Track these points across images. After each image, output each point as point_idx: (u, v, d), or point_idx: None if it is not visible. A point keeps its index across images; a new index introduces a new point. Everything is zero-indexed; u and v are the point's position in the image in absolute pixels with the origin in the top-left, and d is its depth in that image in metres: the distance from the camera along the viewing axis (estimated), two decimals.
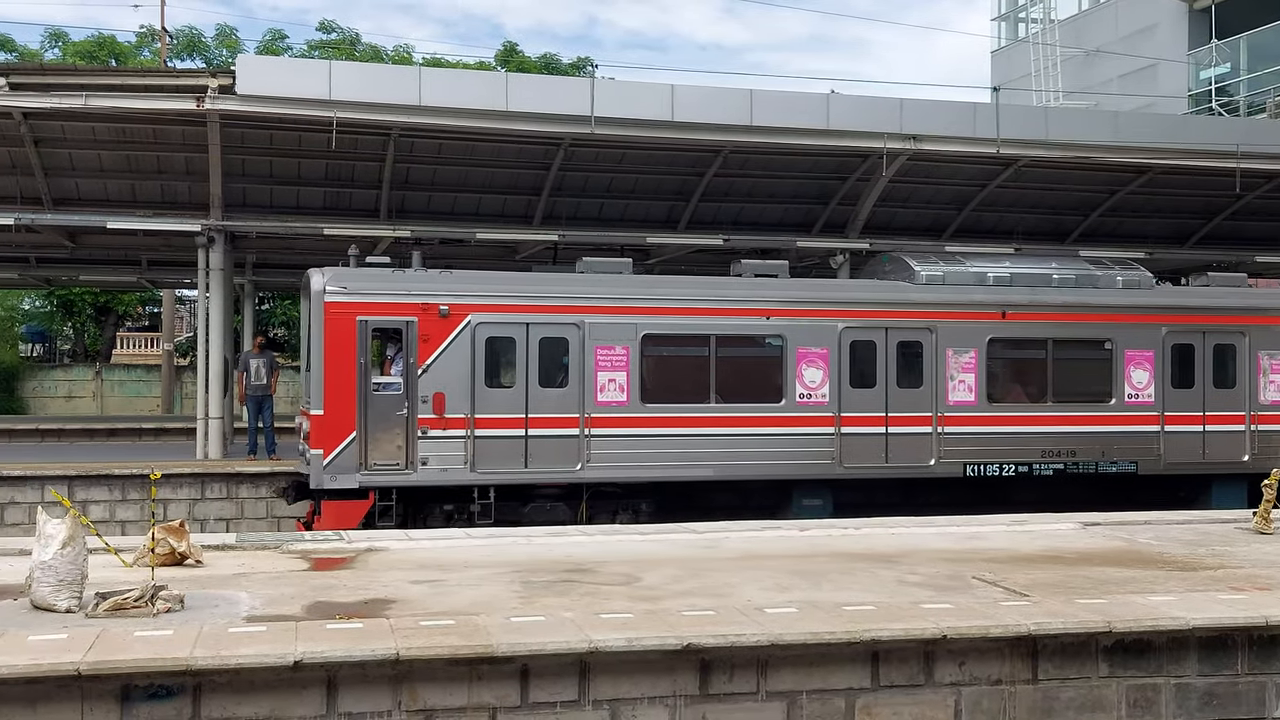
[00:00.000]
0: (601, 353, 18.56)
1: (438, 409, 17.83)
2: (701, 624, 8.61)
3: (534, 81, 28.04)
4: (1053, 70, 44.68)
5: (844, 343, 19.54)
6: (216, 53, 46.36)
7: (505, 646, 8.07)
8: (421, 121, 21.01)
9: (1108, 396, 20.65)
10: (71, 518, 9.55)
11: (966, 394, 19.98)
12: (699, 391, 19.08)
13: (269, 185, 23.83)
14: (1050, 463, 20.17)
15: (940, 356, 19.87)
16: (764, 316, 19.44)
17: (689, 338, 19.25)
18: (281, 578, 10.97)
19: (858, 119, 22.76)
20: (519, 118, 21.14)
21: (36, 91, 19.79)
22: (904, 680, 8.57)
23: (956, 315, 20.06)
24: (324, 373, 17.67)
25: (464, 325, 18.05)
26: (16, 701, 7.47)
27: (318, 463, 17.55)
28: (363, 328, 17.79)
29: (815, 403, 19.34)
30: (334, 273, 18.16)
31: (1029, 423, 20.25)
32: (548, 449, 18.26)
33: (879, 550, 12.78)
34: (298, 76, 20.98)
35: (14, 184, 22.77)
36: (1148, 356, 20.78)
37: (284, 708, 7.80)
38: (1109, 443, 20.46)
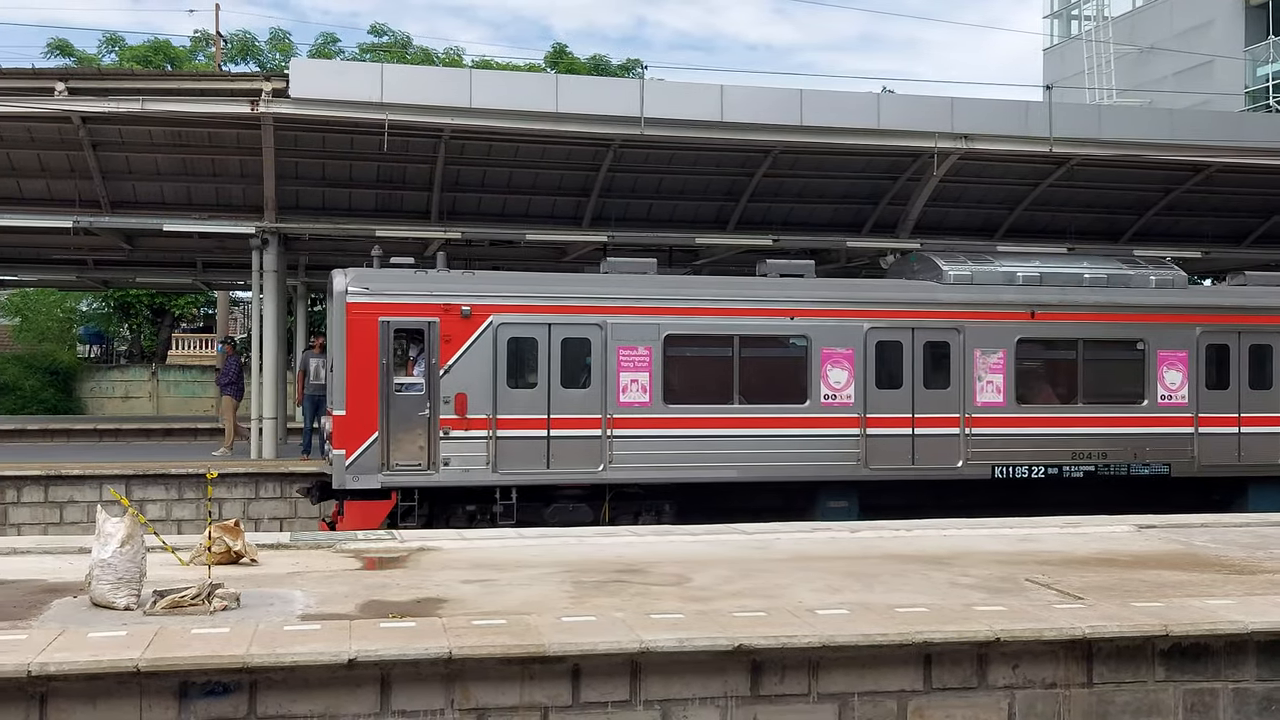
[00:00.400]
0: (624, 353, 18.50)
1: (460, 409, 17.85)
2: (753, 625, 8.61)
3: (584, 83, 28.10)
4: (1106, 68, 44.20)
5: (869, 343, 19.36)
6: (270, 56, 46.88)
7: (557, 646, 8.10)
8: (472, 123, 21.09)
9: (1140, 398, 20.34)
10: (130, 516, 9.70)
11: (995, 395, 19.73)
12: (722, 392, 18.99)
13: (321, 188, 24.03)
14: (1080, 465, 19.89)
15: (968, 357, 19.64)
16: (788, 317, 19.29)
17: (712, 338, 19.14)
18: (335, 577, 11.08)
19: (909, 118, 22.61)
20: (569, 119, 21.18)
21: (94, 96, 20.06)
22: (957, 683, 8.52)
23: (984, 315, 19.82)
24: (346, 373, 17.72)
25: (486, 326, 18.05)
26: (78, 697, 7.60)
27: (340, 463, 17.63)
28: (385, 328, 17.82)
29: (840, 404, 19.18)
30: (356, 273, 18.23)
31: (1059, 424, 19.98)
32: (570, 450, 18.24)
33: (931, 552, 12.71)
34: (350, 79, 21.11)
35: (72, 187, 23.11)
36: (1181, 357, 20.44)
37: (338, 705, 7.88)
38: (1141, 445, 20.15)
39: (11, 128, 21.42)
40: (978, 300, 19.87)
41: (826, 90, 23.05)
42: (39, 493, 19.54)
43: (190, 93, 20.57)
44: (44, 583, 10.54)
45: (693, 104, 21.52)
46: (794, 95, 21.94)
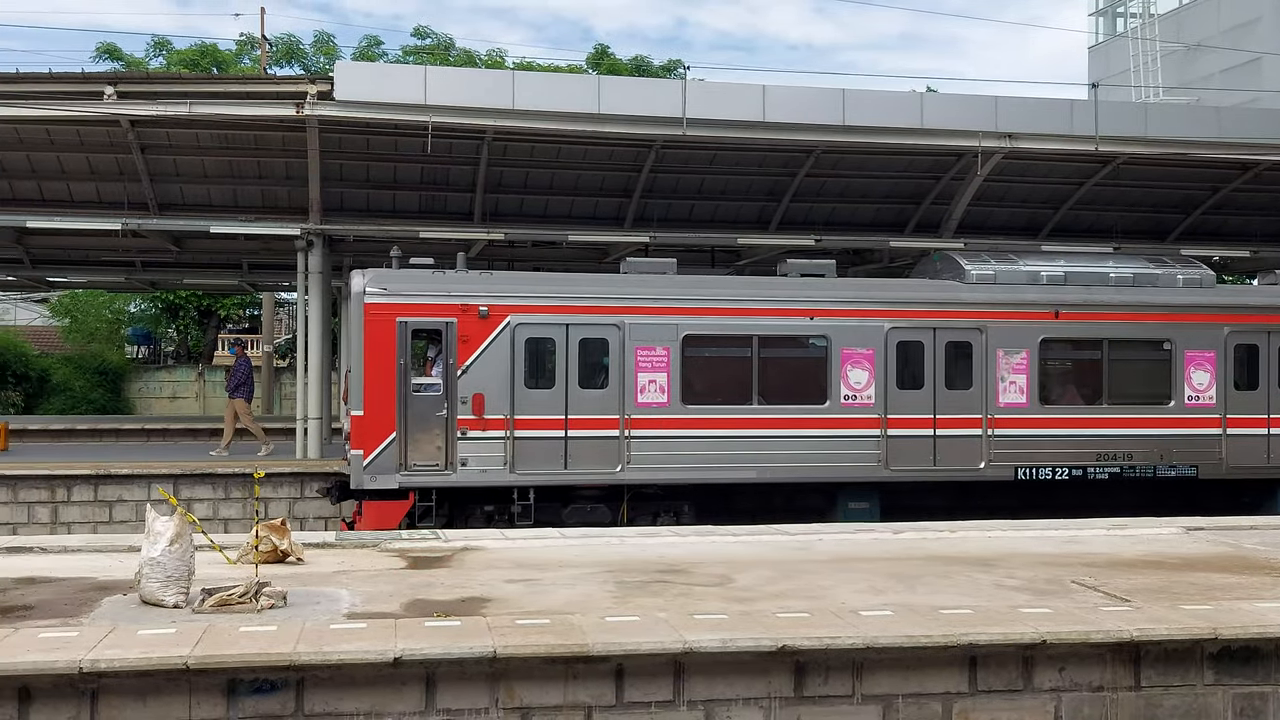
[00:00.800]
0: (642, 353, 18.45)
1: (477, 410, 17.85)
2: (796, 626, 8.60)
3: (626, 84, 28.15)
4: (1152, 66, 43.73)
5: (890, 343, 19.21)
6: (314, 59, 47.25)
7: (600, 646, 8.13)
8: (515, 125, 21.18)
9: (1166, 398, 20.09)
10: (179, 515, 9.81)
11: (1018, 395, 19.52)
12: (741, 393, 18.89)
13: (365, 189, 24.22)
14: (1105, 466, 19.66)
15: (990, 357, 19.46)
16: (808, 317, 19.17)
17: (731, 338, 19.05)
18: (380, 575, 11.15)
19: (952, 117, 22.50)
20: (611, 120, 21.22)
21: (143, 100, 20.32)
22: (1002, 685, 8.47)
23: (1007, 315, 19.62)
24: (364, 374, 17.77)
25: (503, 326, 18.05)
26: (128, 694, 7.70)
27: (358, 463, 17.68)
28: (402, 329, 17.85)
29: (861, 404, 19.05)
30: (374, 274, 18.27)
31: (1083, 425, 19.75)
32: (587, 450, 18.20)
33: (975, 553, 12.64)
34: (394, 82, 21.25)
35: (121, 190, 23.42)
36: (1209, 357, 20.17)
37: (384, 703, 7.94)
38: (1167, 446, 19.90)
39: (62, 131, 21.74)
40: (1000, 300, 19.69)
41: (869, 90, 23.01)
42: (89, 491, 19.80)
43: (237, 96, 20.78)
44: (94, 580, 10.68)
45: (735, 104, 21.51)
46: (836, 95, 21.89)
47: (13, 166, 23.14)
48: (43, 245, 26.34)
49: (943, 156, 23.96)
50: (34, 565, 11.53)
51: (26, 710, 7.61)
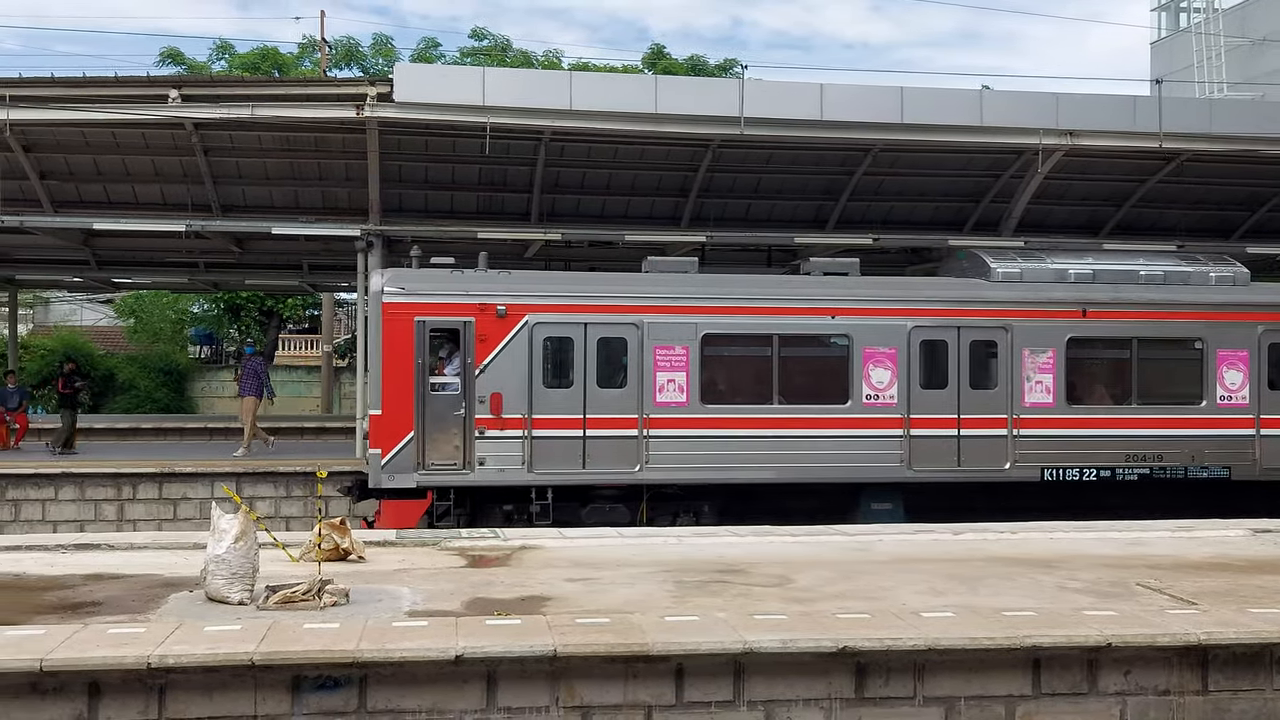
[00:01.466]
0: (661, 353, 18.33)
1: (495, 409, 17.82)
2: (856, 627, 8.56)
3: (683, 83, 28.14)
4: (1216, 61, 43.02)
5: (913, 342, 18.97)
6: (373, 61, 47.63)
7: (660, 645, 8.13)
8: (572, 125, 21.24)
9: (1198, 398, 19.69)
10: (243, 513, 9.95)
11: (1044, 395, 19.20)
12: (761, 392, 18.74)
13: (424, 190, 24.38)
14: (1134, 467, 19.30)
15: (1016, 356, 19.15)
16: (829, 315, 18.97)
17: (751, 337, 18.89)
18: (440, 574, 11.24)
19: (1012, 115, 22.27)
20: (668, 119, 21.22)
21: (206, 103, 20.60)
22: (1066, 688, 8.39)
23: (1033, 313, 19.32)
24: (382, 373, 17.80)
25: (521, 325, 18.01)
26: (195, 689, 7.81)
27: (376, 462, 17.71)
28: (420, 328, 17.83)
29: (883, 404, 18.82)
30: (393, 273, 18.34)
31: (1111, 425, 19.39)
32: (606, 450, 18.12)
33: (1036, 555, 12.52)
34: (452, 83, 21.39)
35: (185, 192, 23.75)
36: (1242, 356, 19.74)
37: (446, 701, 8.00)
38: (1199, 447, 19.51)
39: (127, 135, 22.07)
40: (1026, 298, 19.40)
41: (928, 87, 22.82)
42: (154, 489, 20.10)
43: (298, 98, 21.02)
44: (161, 577, 10.85)
45: (792, 103, 21.43)
46: (894, 93, 21.75)
47: (80, 170, 23.54)
48: (109, 247, 26.75)
49: (1002, 154, 23.74)
50: (102, 562, 11.74)
51: (96, 705, 7.74)
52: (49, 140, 22.52)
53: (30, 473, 19.95)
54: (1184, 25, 48.11)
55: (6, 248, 27.25)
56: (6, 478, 19.85)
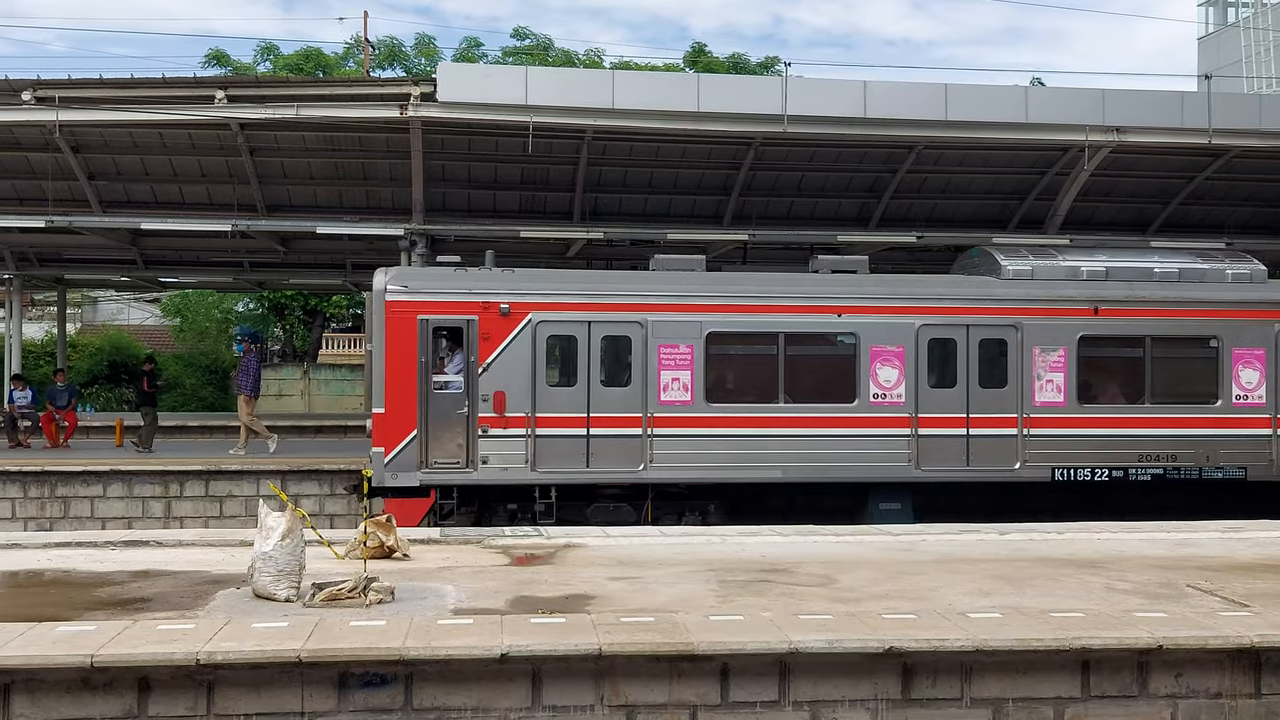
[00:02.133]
0: (665, 351, 18.20)
1: (498, 408, 17.77)
2: (903, 627, 8.50)
3: (725, 82, 28.14)
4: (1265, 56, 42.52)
5: (921, 341, 18.76)
6: (415, 61, 47.85)
7: (706, 645, 8.11)
8: (615, 124, 21.27)
9: (1213, 397, 19.37)
10: (290, 511, 10.01)
11: (1055, 394, 18.95)
12: (766, 391, 18.58)
13: (467, 189, 24.49)
14: (1148, 468, 19.01)
15: (1026, 355, 18.91)
16: (835, 314, 18.77)
17: (756, 335, 18.75)
18: (484, 572, 11.26)
19: (1058, 111, 22.10)
20: (711, 118, 21.21)
21: (252, 103, 20.79)
22: (1116, 691, 8.29)
23: (1044, 311, 19.06)
24: (385, 371, 17.78)
25: (525, 324, 17.93)
26: (243, 685, 7.86)
27: (379, 460, 17.67)
28: (424, 326, 17.79)
29: (890, 403, 18.61)
30: (396, 272, 18.29)
31: (1124, 425, 19.11)
32: (610, 449, 18.00)
33: (1084, 556, 12.39)
34: (495, 83, 21.46)
35: (231, 192, 23.98)
36: (1258, 354, 19.41)
37: (491, 699, 8.01)
38: (1214, 447, 19.19)
39: (174, 135, 22.32)
40: (1037, 296, 19.14)
41: (972, 84, 22.72)
42: (200, 487, 20.28)
43: (342, 99, 21.17)
44: (208, 574, 10.93)
45: (835, 101, 21.37)
46: (939, 90, 21.66)
47: (127, 170, 23.81)
48: (155, 246, 27.04)
49: (1047, 151, 23.57)
50: (150, 558, 11.84)
51: (145, 700, 7.80)
52: (97, 141, 22.79)
53: (79, 470, 20.18)
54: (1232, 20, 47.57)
55: (56, 248, 27.64)
56: (56, 475, 20.10)
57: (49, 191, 23.68)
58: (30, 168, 23.60)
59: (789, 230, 24.77)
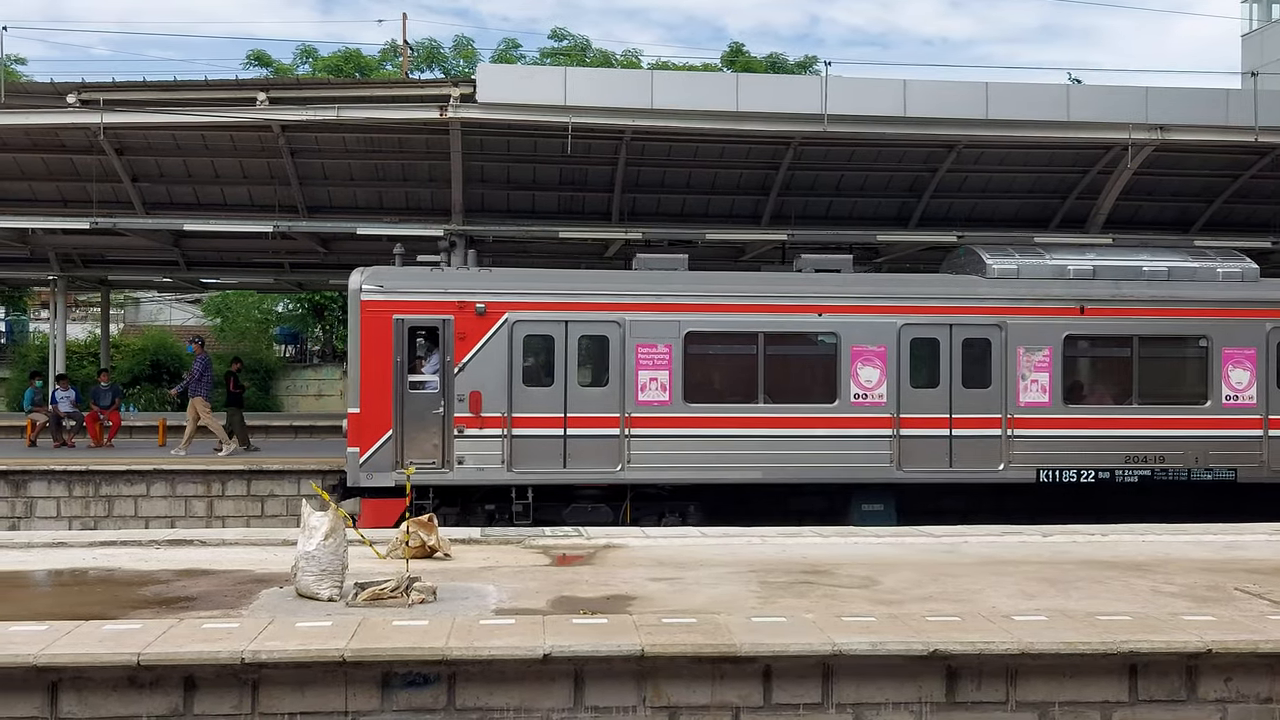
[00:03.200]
0: (643, 351, 18.03)
1: (474, 408, 17.65)
2: (947, 630, 8.44)
3: (764, 81, 28.04)
4: None
5: (903, 340, 18.51)
6: (454, 63, 48.00)
7: (748, 646, 8.08)
8: (653, 124, 21.25)
9: (1202, 398, 19.02)
10: (333, 511, 10.06)
11: (1040, 394, 18.66)
12: (746, 391, 18.40)
13: (506, 190, 24.54)
14: (1135, 469, 18.70)
15: (1011, 355, 18.63)
16: (816, 313, 18.56)
17: (735, 335, 18.53)
18: (525, 572, 11.28)
19: (1100, 109, 21.89)
20: (750, 118, 21.15)
21: (293, 105, 20.89)
22: (1164, 695, 8.20)
23: (1028, 311, 18.77)
24: (360, 371, 17.71)
25: (501, 323, 17.82)
26: (287, 684, 7.90)
27: (354, 460, 17.64)
28: (399, 326, 17.71)
29: (872, 403, 18.38)
30: (371, 272, 18.18)
31: (1110, 426, 18.80)
32: (587, 449, 17.86)
33: (1129, 558, 12.28)
34: (534, 84, 21.48)
35: (272, 193, 24.13)
36: (1249, 354, 19.03)
37: (533, 699, 8.01)
38: (1203, 448, 18.86)
39: (216, 137, 22.47)
40: (1021, 295, 18.86)
41: (1013, 82, 22.57)
42: (242, 486, 20.40)
43: (382, 100, 21.25)
44: (251, 573, 11.01)
45: (875, 100, 21.25)
46: (979, 88, 21.50)
47: (170, 172, 24.01)
48: (197, 247, 27.28)
49: (1089, 149, 23.36)
50: (194, 557, 11.95)
51: (191, 698, 7.86)
52: (141, 143, 22.99)
53: (123, 469, 20.35)
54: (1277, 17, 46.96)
55: (99, 249, 27.91)
56: (100, 474, 20.27)
57: (93, 193, 23.93)
58: (75, 170, 23.85)
59: (828, 230, 24.66)
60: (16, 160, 23.74)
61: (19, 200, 24.77)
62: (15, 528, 19.39)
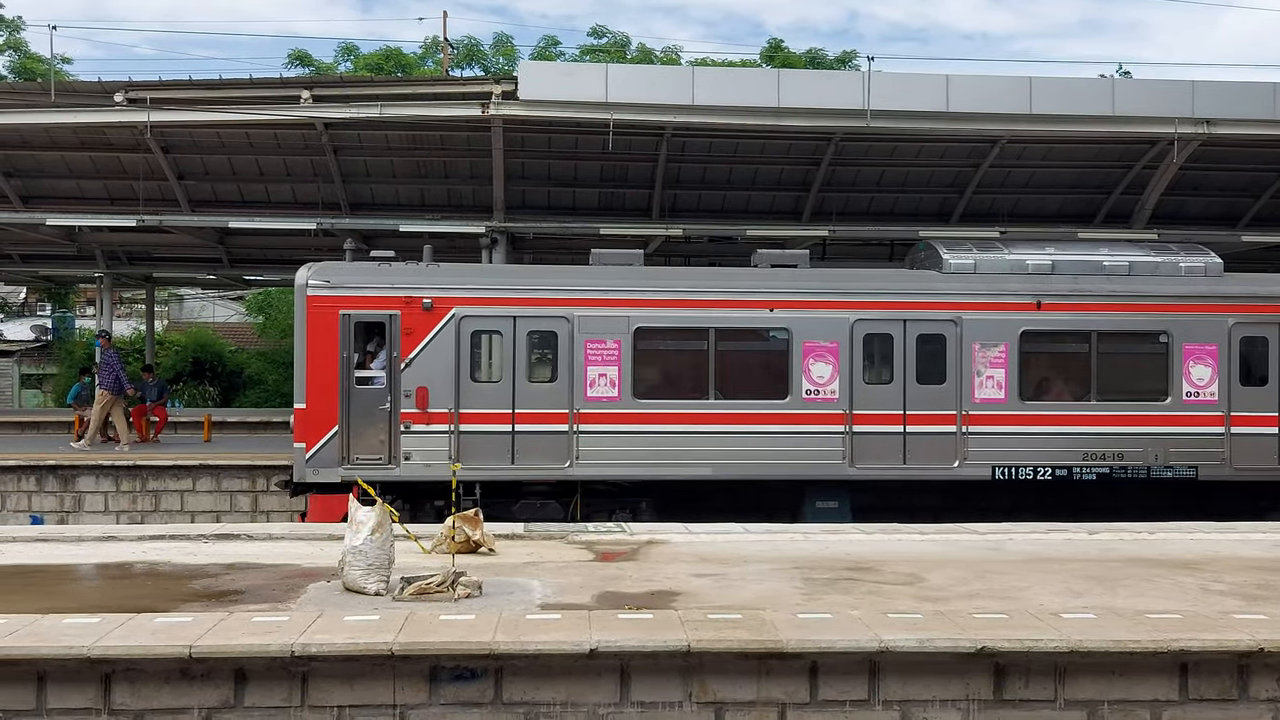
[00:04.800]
0: (592, 346, 17.83)
1: (421, 403, 17.50)
2: (994, 627, 8.39)
3: (806, 77, 27.96)
4: None
5: (856, 336, 18.23)
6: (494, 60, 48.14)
7: (794, 643, 8.07)
8: (694, 120, 21.27)
9: (1163, 394, 18.64)
10: (379, 505, 10.12)
11: (995, 391, 18.34)
12: (696, 387, 18.15)
13: (547, 187, 24.63)
14: (1093, 466, 18.36)
15: (966, 350, 18.32)
16: (767, 309, 18.28)
17: (685, 331, 18.25)
18: (569, 567, 11.31)
19: (1145, 104, 21.73)
20: (791, 113, 21.13)
21: (336, 103, 21.07)
22: (1215, 694, 8.12)
23: (984, 306, 18.43)
24: (306, 366, 17.59)
25: (448, 318, 17.65)
26: (336, 677, 7.96)
27: (300, 456, 17.55)
28: (345, 321, 17.54)
29: (824, 399, 18.10)
30: (319, 267, 18.06)
31: (1068, 422, 18.45)
32: (535, 445, 17.68)
33: (1177, 556, 12.17)
34: (576, 80, 21.55)
35: (315, 191, 24.33)
36: (1210, 350, 18.63)
37: (580, 694, 8.03)
38: (1163, 446, 18.48)
39: (260, 135, 22.69)
40: (977, 291, 18.54)
41: (1057, 77, 22.47)
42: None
43: (424, 98, 21.40)
44: (298, 567, 11.10)
45: (917, 95, 21.20)
46: (1023, 83, 21.38)
47: (215, 170, 24.25)
48: (241, 245, 27.53)
49: (1134, 144, 23.18)
50: (242, 551, 12.06)
51: (242, 690, 7.93)
52: (186, 141, 23.23)
53: (169, 464, 20.58)
54: None
55: (145, 246, 28.22)
56: (147, 469, 20.50)
57: (140, 191, 24.20)
58: (122, 168, 24.14)
59: (869, 226, 24.59)
60: (65, 158, 24.06)
61: (67, 198, 25.10)
62: (64, 521, 19.68)
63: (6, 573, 10.90)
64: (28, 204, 25.16)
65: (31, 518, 19.95)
